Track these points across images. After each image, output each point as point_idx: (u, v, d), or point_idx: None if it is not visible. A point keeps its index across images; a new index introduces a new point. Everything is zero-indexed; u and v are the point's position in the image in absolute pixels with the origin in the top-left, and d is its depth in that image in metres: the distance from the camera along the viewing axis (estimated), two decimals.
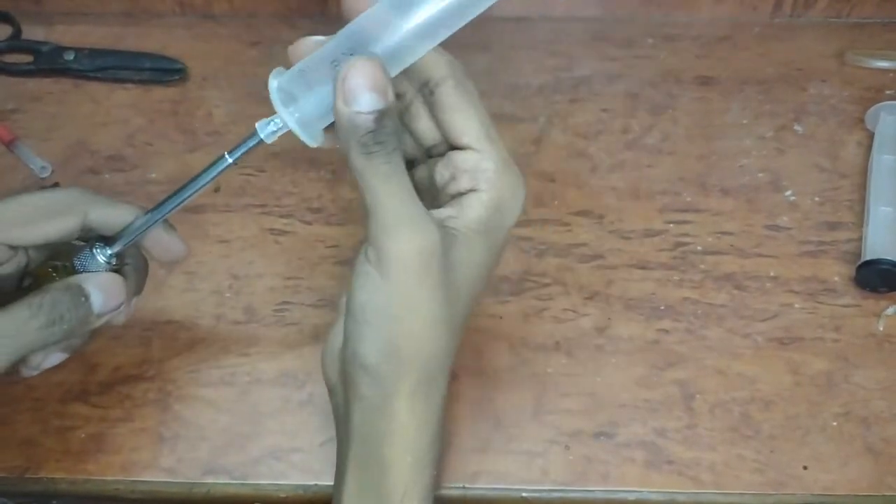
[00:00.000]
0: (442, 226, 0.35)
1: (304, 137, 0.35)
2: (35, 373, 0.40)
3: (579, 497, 0.48)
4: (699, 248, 0.57)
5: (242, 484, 0.49)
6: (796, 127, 0.63)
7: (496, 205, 0.36)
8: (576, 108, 0.64)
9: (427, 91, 0.36)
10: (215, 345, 0.53)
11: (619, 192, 0.60)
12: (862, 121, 0.63)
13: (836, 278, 0.55)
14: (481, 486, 0.48)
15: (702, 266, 0.56)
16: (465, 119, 0.36)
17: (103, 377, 0.52)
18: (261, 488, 0.49)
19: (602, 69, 0.67)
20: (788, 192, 0.60)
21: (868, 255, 0.54)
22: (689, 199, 0.59)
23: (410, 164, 0.39)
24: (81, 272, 0.40)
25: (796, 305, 0.54)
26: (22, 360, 0.38)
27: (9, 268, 0.40)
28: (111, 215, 0.41)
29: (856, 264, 0.55)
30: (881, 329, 0.53)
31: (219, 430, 0.50)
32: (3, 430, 0.50)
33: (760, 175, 0.61)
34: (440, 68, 0.36)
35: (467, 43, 0.69)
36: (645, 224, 0.58)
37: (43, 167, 0.61)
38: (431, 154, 0.39)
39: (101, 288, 0.40)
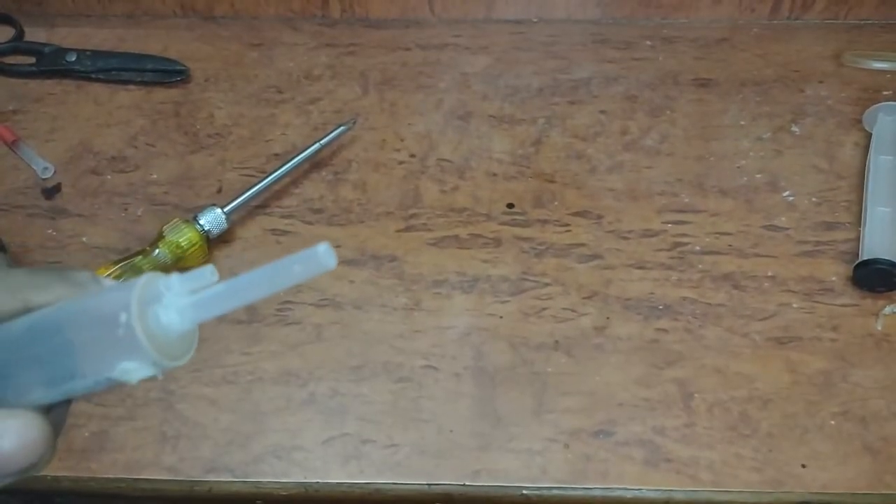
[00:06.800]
0: None
1: None
2: None
3: (578, 495, 0.48)
4: (697, 248, 0.57)
5: (244, 482, 0.49)
6: (794, 128, 0.63)
7: None
8: (574, 110, 0.65)
9: None
10: (217, 344, 0.54)
11: (617, 192, 0.60)
12: (859, 122, 0.63)
13: (834, 278, 0.56)
14: (482, 484, 0.48)
15: (700, 266, 0.56)
16: None
17: None
18: (262, 486, 0.49)
19: (601, 71, 0.67)
20: (786, 193, 0.60)
21: (865, 255, 0.54)
22: (687, 199, 0.60)
23: None
24: None
25: (794, 305, 0.55)
26: None
27: None
28: None
29: (853, 264, 0.55)
30: (879, 328, 0.53)
31: (221, 429, 0.50)
32: None
33: (758, 176, 0.61)
34: None
35: (467, 45, 0.70)
36: (643, 224, 0.59)
37: (45, 168, 0.61)
38: None
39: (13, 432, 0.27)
